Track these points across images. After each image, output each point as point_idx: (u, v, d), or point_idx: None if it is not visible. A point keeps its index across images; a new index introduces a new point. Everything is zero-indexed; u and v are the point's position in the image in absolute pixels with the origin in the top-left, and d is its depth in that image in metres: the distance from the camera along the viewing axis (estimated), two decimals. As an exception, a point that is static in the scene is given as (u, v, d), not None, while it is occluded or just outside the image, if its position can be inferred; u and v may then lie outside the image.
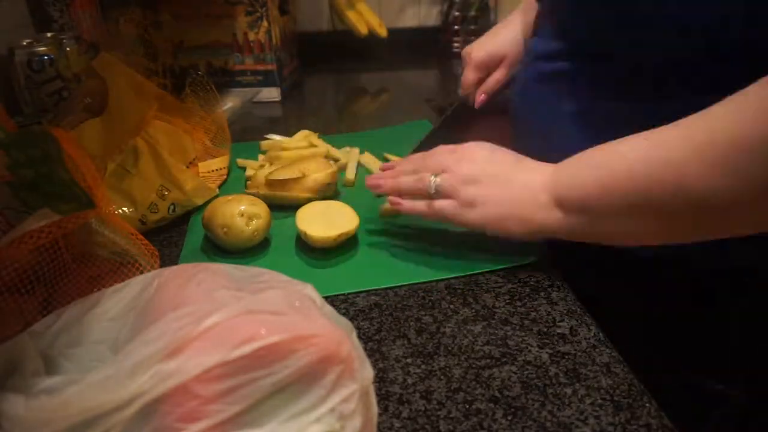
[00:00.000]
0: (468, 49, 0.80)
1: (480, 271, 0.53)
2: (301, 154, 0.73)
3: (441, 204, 0.52)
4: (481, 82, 0.78)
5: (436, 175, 0.52)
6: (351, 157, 0.77)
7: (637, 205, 0.42)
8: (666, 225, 0.42)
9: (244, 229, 0.55)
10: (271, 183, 0.65)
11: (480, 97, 0.78)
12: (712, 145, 0.37)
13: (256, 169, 0.72)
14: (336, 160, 0.77)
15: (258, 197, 0.65)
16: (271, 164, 0.72)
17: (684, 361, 0.55)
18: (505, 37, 0.77)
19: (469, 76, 0.78)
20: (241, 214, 0.55)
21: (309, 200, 0.65)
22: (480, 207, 0.50)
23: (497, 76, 0.77)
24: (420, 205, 0.54)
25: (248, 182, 0.69)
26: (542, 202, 0.48)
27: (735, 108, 0.37)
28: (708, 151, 0.37)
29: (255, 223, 0.56)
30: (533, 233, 0.49)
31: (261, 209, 0.57)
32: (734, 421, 0.56)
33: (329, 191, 0.67)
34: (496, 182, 0.50)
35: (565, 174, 0.47)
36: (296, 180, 0.65)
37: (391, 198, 0.56)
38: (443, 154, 0.54)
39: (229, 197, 0.58)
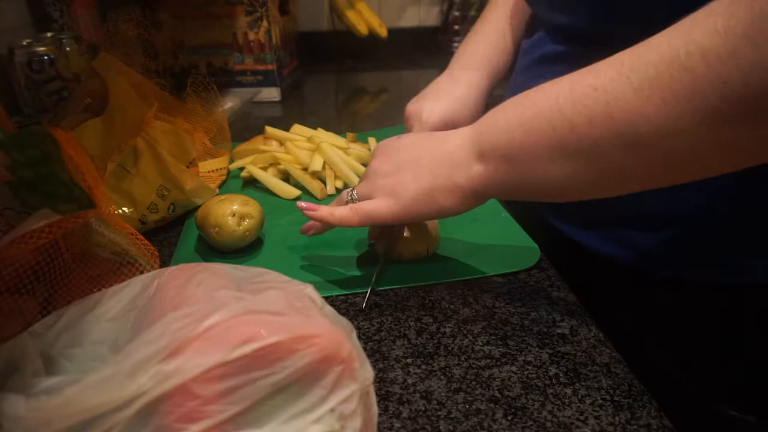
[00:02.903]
0: (413, 108, 0.70)
1: (480, 276, 0.52)
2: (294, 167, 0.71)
3: (363, 204, 0.48)
4: None
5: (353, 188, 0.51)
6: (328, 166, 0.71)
7: (563, 144, 0.37)
8: (595, 167, 0.38)
9: (236, 229, 0.55)
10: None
11: None
12: (642, 67, 0.33)
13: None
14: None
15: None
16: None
17: (686, 364, 0.55)
18: (458, 98, 0.69)
19: None
20: (233, 214, 0.55)
21: None
22: (401, 193, 0.46)
23: None
24: (342, 210, 0.49)
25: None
26: (461, 160, 0.44)
27: (670, 32, 0.33)
28: (636, 72, 0.33)
29: (247, 223, 0.56)
30: (465, 199, 0.45)
31: (253, 209, 0.57)
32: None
33: None
34: (410, 164, 0.47)
35: (485, 123, 0.43)
36: None
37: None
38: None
39: (222, 197, 0.58)
